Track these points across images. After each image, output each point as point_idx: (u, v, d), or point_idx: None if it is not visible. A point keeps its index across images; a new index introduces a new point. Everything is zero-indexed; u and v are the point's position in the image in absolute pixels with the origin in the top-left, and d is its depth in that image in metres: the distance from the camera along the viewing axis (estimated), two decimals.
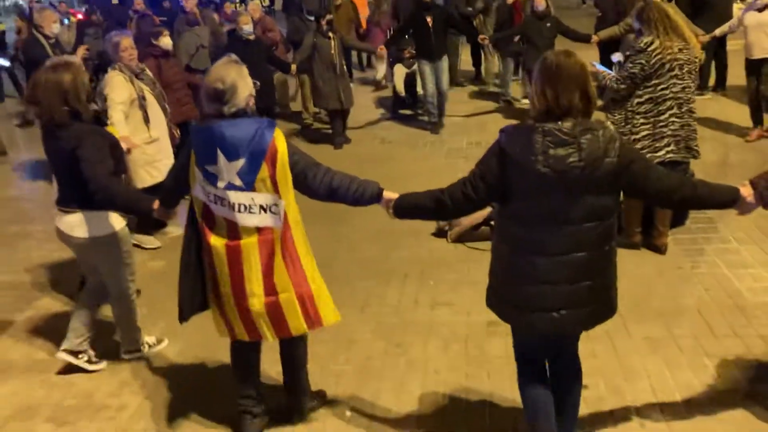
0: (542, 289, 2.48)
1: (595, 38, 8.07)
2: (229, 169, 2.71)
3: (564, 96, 2.34)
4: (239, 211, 2.75)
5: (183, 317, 3.01)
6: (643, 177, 2.43)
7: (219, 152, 2.70)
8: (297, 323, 2.92)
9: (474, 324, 4.08)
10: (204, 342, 3.91)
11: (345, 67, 8.70)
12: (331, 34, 8.12)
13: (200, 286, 2.98)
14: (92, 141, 3.38)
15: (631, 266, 4.44)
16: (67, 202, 3.57)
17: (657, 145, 4.49)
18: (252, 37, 7.55)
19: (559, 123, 2.33)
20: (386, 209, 2.85)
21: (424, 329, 4.06)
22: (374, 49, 9.09)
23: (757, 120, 7.16)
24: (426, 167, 7.20)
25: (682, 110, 4.45)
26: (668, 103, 4.40)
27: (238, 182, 2.72)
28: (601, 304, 2.56)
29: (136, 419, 3.46)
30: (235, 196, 2.73)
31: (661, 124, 4.48)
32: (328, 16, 8.32)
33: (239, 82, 2.71)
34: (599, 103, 2.98)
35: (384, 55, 9.50)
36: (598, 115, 2.64)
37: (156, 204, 3.19)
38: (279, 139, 2.73)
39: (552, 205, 2.38)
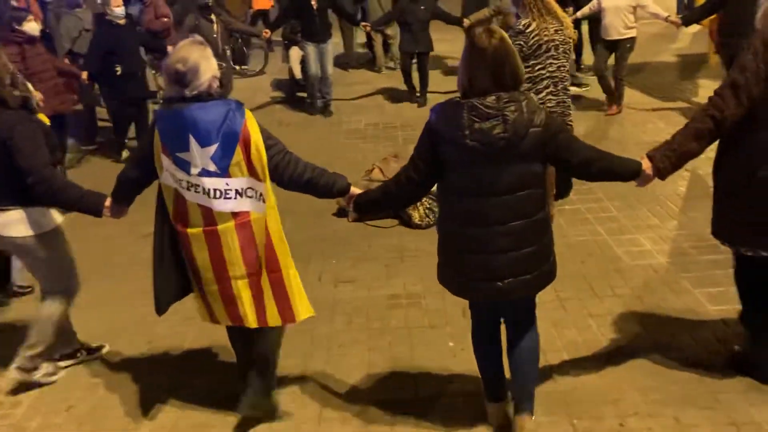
0: (485, 258, 2.58)
1: (466, 21, 8.38)
2: (202, 155, 2.62)
3: (485, 74, 2.44)
4: (215, 197, 2.66)
5: (160, 308, 2.92)
6: (568, 147, 2.56)
7: (191, 138, 2.60)
8: (273, 311, 2.87)
9: (375, 298, 4.21)
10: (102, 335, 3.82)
11: (228, 51, 8.53)
12: (213, 17, 7.81)
13: (176, 275, 2.89)
14: (24, 129, 3.13)
15: None
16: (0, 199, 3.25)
17: None
18: (123, 22, 7.07)
19: (483, 98, 2.43)
20: (347, 205, 2.95)
21: (327, 306, 4.14)
22: (259, 32, 9.06)
23: (611, 94, 7.64)
24: (325, 148, 7.25)
25: (558, 88, 4.72)
26: (545, 82, 4.65)
27: (212, 168, 2.64)
28: (543, 269, 2.68)
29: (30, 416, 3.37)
30: (210, 182, 2.65)
31: (540, 101, 4.71)
32: None
33: (202, 63, 2.64)
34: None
35: (269, 39, 9.47)
36: None
37: (108, 202, 3.01)
38: (251, 122, 2.70)
39: (484, 176, 2.48)
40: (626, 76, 7.78)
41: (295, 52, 9.42)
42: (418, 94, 8.95)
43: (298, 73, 9.53)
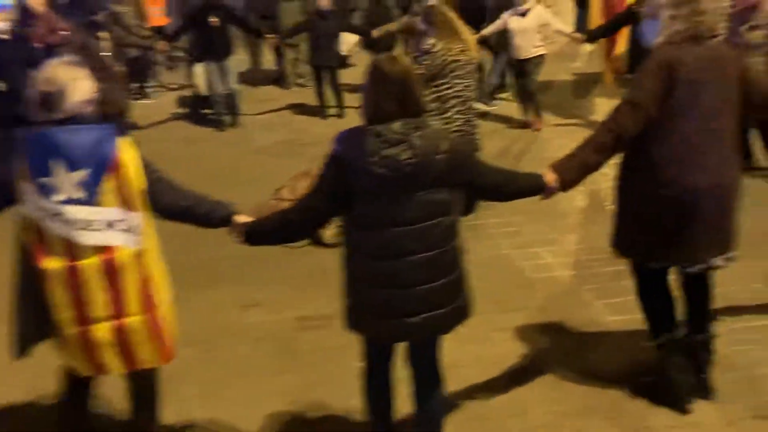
0: (396, 293, 2.48)
1: (375, 33, 8.51)
2: (68, 181, 2.41)
3: (390, 100, 2.40)
4: (80, 228, 2.43)
5: (22, 351, 2.60)
6: (475, 172, 2.57)
7: (57, 162, 2.40)
8: (147, 353, 2.63)
9: (284, 321, 4.13)
10: None
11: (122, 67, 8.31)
12: (100, 33, 7.59)
13: (41, 313, 2.54)
14: None
15: None
16: None
17: None
18: (6, 37, 6.75)
19: (389, 124, 2.39)
20: (236, 234, 2.67)
21: (234, 331, 4.03)
22: (153, 46, 8.95)
23: (531, 111, 7.97)
24: (232, 166, 7.12)
25: (465, 107, 4.83)
26: (452, 102, 4.75)
27: (79, 195, 2.42)
28: (457, 303, 2.61)
29: None
30: (75, 212, 2.41)
31: (447, 121, 4.82)
32: (101, 12, 7.86)
33: (71, 84, 2.46)
34: None
35: (166, 53, 9.31)
36: None
37: None
38: (126, 147, 2.51)
39: (393, 206, 2.41)
40: (535, 92, 8.06)
41: (199, 68, 9.24)
42: (331, 111, 8.97)
43: (203, 90, 9.34)
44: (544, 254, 4.84)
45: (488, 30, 8.10)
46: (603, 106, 8.35)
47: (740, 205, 3.05)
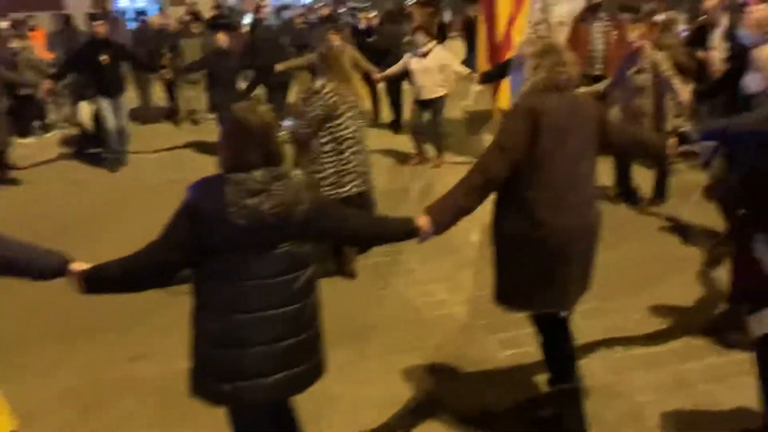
0: (253, 352, 2.36)
1: (279, 67, 8.50)
2: None
3: (251, 149, 2.33)
4: None
5: None
6: (341, 221, 2.53)
7: None
8: None
9: (173, 373, 3.92)
10: None
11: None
12: None
13: None
14: None
15: (324, 294, 4.68)
16: None
17: (342, 180, 4.87)
18: None
19: (250, 172, 2.31)
20: (74, 284, 2.44)
21: (120, 386, 3.81)
22: (35, 83, 8.60)
23: (434, 148, 8.17)
24: (118, 206, 6.82)
25: (359, 147, 4.89)
26: (348, 142, 4.81)
27: None
28: (313, 362, 2.53)
29: None
30: None
31: (344, 161, 4.85)
32: None
33: None
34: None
35: (54, 91, 8.94)
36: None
37: None
38: None
39: (251, 259, 2.32)
40: (440, 130, 8.25)
41: (86, 107, 8.88)
42: None
43: (89, 128, 8.97)
44: (439, 291, 4.90)
45: (391, 70, 8.28)
46: None
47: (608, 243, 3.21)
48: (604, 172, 6.30)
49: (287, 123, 5.46)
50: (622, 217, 6.13)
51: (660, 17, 8.18)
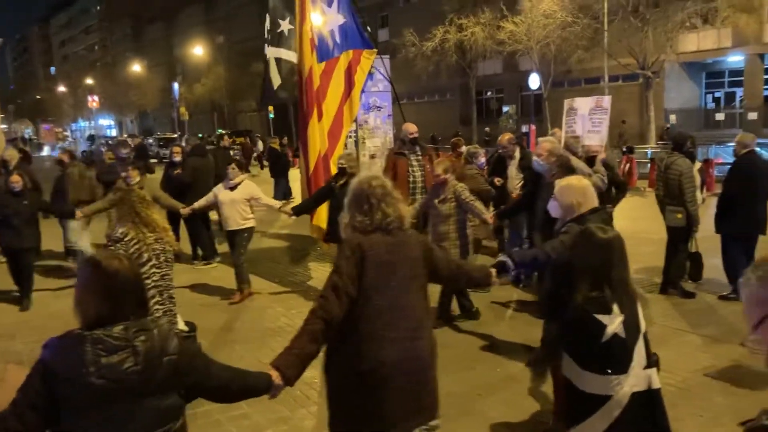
0: None
1: (78, 214, 7.98)
2: None
3: (112, 301, 2.17)
4: None
5: None
6: (205, 373, 2.39)
7: None
8: None
9: None
10: None
11: None
12: None
13: None
14: None
15: None
16: None
17: None
18: None
19: (110, 328, 2.14)
20: None
21: None
22: None
23: (240, 282, 7.94)
24: None
25: (164, 297, 4.69)
26: (151, 292, 4.58)
27: None
28: None
29: None
30: None
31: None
32: None
33: None
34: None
35: None
36: None
37: None
38: None
39: (115, 417, 2.13)
40: (241, 262, 7.98)
41: None
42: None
43: None
44: None
45: (199, 203, 8.09)
46: (318, 272, 8.74)
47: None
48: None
49: None
50: (452, 342, 6.31)
51: (464, 149, 8.98)
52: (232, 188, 7.81)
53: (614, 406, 2.96)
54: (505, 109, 39.09)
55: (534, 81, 30.74)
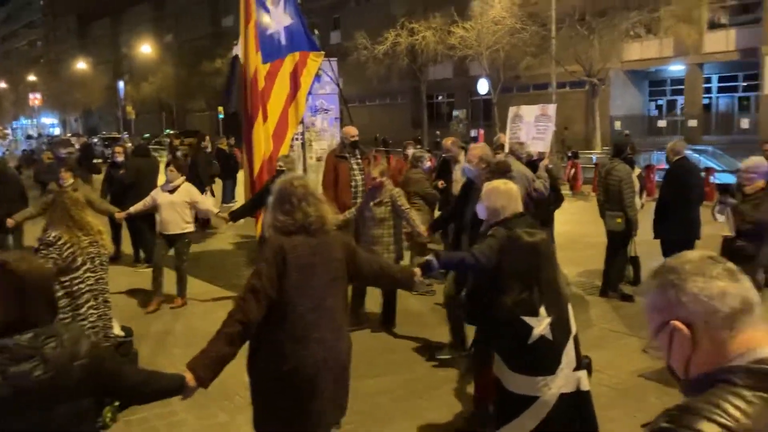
0: None
1: (10, 222, 7.71)
2: None
3: (20, 307, 2.11)
4: None
5: None
6: (117, 376, 2.35)
7: None
8: None
9: None
10: None
11: None
12: None
13: None
14: None
15: None
16: None
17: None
18: None
19: (17, 336, 2.07)
20: None
21: None
22: None
23: (178, 287, 7.77)
24: None
25: (98, 301, 4.62)
26: (86, 296, 4.52)
27: None
28: None
29: None
30: None
31: (81, 317, 4.50)
32: None
33: None
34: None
35: None
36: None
37: None
38: None
39: (28, 425, 2.09)
40: (183, 267, 7.87)
41: None
42: None
43: None
44: None
45: (136, 207, 7.87)
46: None
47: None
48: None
49: None
50: (372, 345, 6.29)
51: (409, 152, 9.02)
52: (171, 191, 7.65)
53: (542, 407, 3.01)
54: (455, 113, 39.51)
55: (483, 86, 31.13)
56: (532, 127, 8.31)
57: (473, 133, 29.80)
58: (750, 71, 29.11)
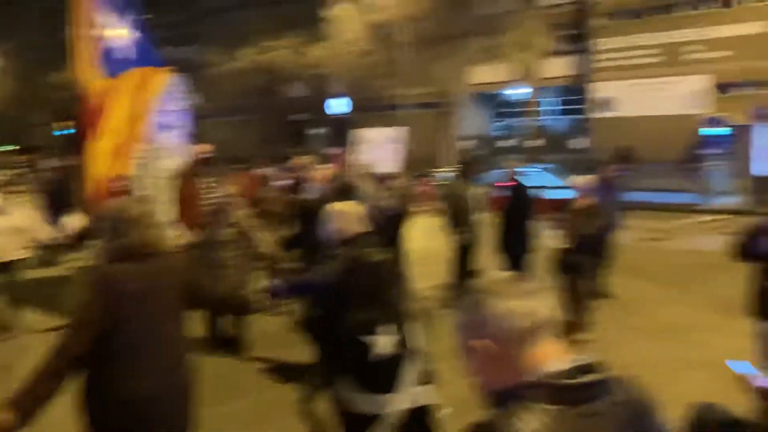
0: None
1: None
2: None
3: None
4: None
5: None
6: None
7: None
8: None
9: None
10: None
11: None
12: None
13: None
14: None
15: None
16: None
17: None
18: None
19: None
20: None
21: None
22: None
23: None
24: None
25: None
26: None
27: None
28: None
29: None
30: None
31: None
32: None
33: None
34: None
35: None
36: None
37: None
38: None
39: None
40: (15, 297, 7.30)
41: None
42: None
43: None
44: None
45: None
46: None
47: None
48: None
49: None
50: (223, 369, 6.15)
51: (263, 170, 8.93)
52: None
53: (384, 425, 3.07)
54: (312, 131, 39.55)
55: (339, 105, 31.49)
56: (381, 148, 8.54)
57: (331, 151, 30.00)
58: (583, 96, 31.72)
